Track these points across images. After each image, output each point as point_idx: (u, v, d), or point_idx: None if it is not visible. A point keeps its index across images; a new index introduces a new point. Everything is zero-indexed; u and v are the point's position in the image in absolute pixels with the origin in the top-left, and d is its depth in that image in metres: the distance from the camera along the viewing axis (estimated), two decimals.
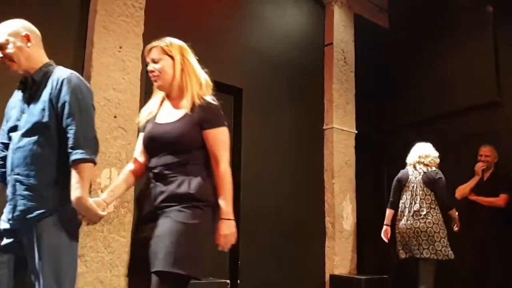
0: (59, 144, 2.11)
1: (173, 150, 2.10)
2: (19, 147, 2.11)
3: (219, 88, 4.64)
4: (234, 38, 4.76)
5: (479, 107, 5.18)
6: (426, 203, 4.29)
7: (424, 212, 4.26)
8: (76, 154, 2.04)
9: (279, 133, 5.01)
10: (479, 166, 4.63)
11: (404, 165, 4.63)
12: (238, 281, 4.34)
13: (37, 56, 2.23)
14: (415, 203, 4.32)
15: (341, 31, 5.65)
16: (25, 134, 2.11)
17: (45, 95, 2.13)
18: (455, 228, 4.45)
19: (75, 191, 2.02)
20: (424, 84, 5.81)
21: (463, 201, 4.66)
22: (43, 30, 3.45)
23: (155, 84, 2.23)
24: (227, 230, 2.09)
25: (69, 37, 3.60)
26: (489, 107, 5.11)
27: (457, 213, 4.43)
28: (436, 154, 4.47)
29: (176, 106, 2.20)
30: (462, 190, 4.65)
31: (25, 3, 3.40)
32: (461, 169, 4.88)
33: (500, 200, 4.47)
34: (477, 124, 5.17)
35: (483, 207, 4.52)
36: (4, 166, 2.19)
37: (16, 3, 3.35)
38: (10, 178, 2.12)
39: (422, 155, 4.46)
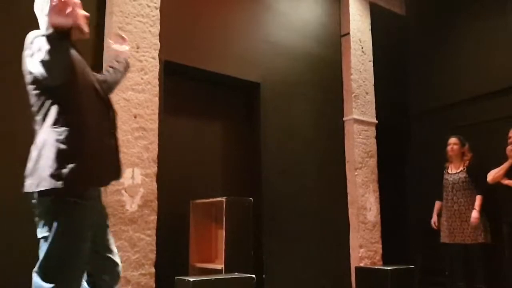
0: None
1: None
2: None
3: (236, 83, 4.71)
4: (251, 33, 4.74)
5: (503, 90, 5.07)
6: None
7: None
8: None
9: (299, 127, 4.99)
10: (509, 149, 4.53)
11: (426, 152, 4.59)
12: (264, 275, 4.35)
13: None
14: None
15: (357, 20, 5.58)
16: None
17: None
18: None
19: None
20: (444, 69, 5.72)
21: (495, 185, 4.59)
22: None
23: None
24: None
25: (87, 40, 3.63)
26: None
27: None
28: None
29: None
30: (494, 174, 4.55)
31: None
32: (489, 154, 4.81)
33: None
34: (502, 108, 5.05)
35: None
36: None
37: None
38: None
39: None
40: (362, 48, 5.57)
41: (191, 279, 3.23)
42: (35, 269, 1.95)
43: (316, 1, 5.42)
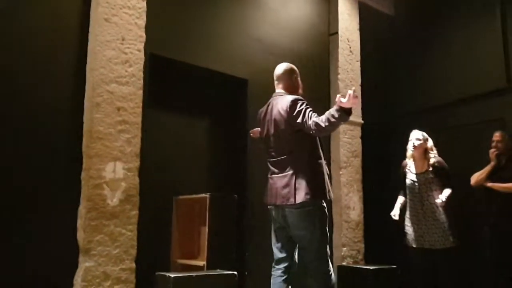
0: None
1: None
2: None
3: (224, 79, 4.67)
4: (239, 29, 4.71)
5: (488, 93, 5.10)
6: None
7: None
8: None
9: None
10: (491, 152, 4.57)
11: None
12: (245, 272, 4.33)
13: None
14: None
15: (346, 19, 5.58)
16: None
17: None
18: None
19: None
20: (431, 71, 5.75)
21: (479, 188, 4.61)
22: (45, 24, 3.45)
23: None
24: None
25: (72, 30, 3.57)
26: (498, 94, 5.03)
27: None
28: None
29: None
30: (477, 177, 4.56)
31: None
32: (472, 156, 4.83)
33: None
34: (486, 111, 5.09)
35: (500, 194, 4.43)
36: None
37: None
38: None
39: None
40: (350, 47, 5.57)
41: (172, 275, 3.19)
42: (313, 256, 3.11)
43: None
